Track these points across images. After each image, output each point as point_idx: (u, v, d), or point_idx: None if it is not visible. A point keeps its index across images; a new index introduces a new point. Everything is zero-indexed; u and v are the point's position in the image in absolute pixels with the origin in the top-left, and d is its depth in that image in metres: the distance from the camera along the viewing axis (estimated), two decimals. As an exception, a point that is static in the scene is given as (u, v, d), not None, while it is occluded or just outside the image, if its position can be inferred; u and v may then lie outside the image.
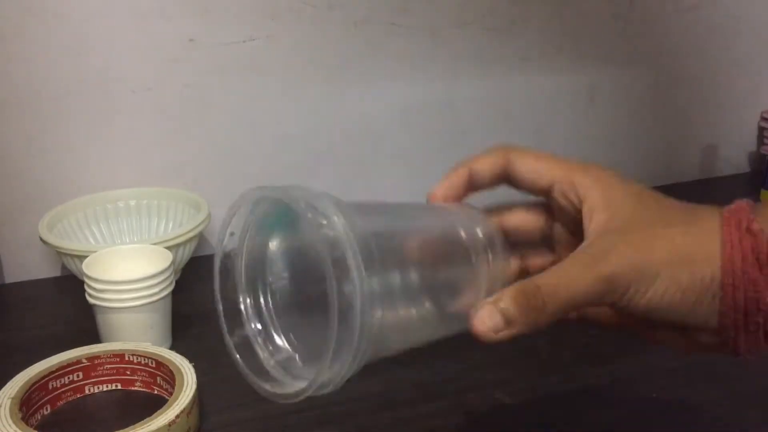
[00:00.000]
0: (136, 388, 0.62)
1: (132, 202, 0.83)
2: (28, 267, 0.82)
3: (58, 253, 0.74)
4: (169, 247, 0.70)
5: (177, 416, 0.54)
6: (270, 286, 0.40)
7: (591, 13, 0.97)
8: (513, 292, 0.36)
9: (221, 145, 0.86)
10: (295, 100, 0.87)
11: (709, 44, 1.05)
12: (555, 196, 0.40)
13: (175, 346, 0.67)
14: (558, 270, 0.37)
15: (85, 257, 0.67)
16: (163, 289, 0.65)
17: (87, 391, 0.62)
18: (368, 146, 0.93)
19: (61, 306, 0.76)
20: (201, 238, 0.81)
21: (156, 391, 0.62)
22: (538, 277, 0.36)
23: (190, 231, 0.74)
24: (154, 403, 0.56)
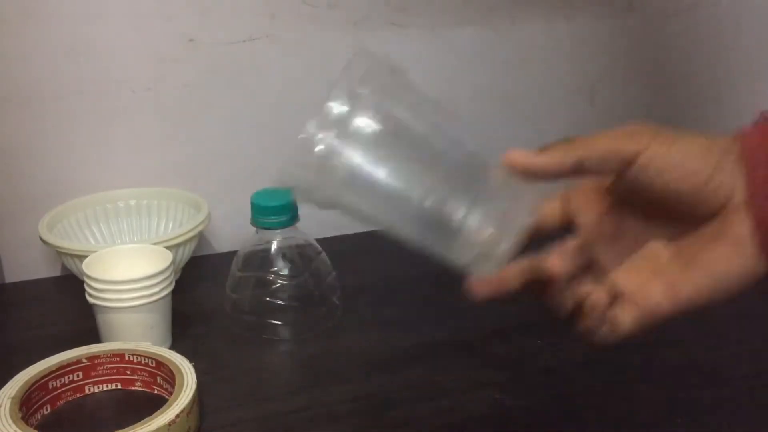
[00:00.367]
0: (136, 388, 0.62)
1: (132, 202, 0.83)
2: (28, 267, 0.82)
3: (58, 253, 0.74)
4: (169, 247, 0.70)
5: (177, 416, 0.54)
6: None
7: (591, 13, 0.97)
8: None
9: (221, 145, 0.86)
10: (295, 100, 0.87)
11: (709, 44, 1.05)
12: None
13: (175, 346, 0.67)
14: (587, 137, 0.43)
15: (85, 257, 0.67)
16: (163, 288, 0.65)
17: (87, 391, 0.62)
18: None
19: (61, 306, 0.76)
20: (201, 238, 0.81)
21: (156, 391, 0.62)
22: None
23: (190, 231, 0.74)
24: (154, 403, 0.56)
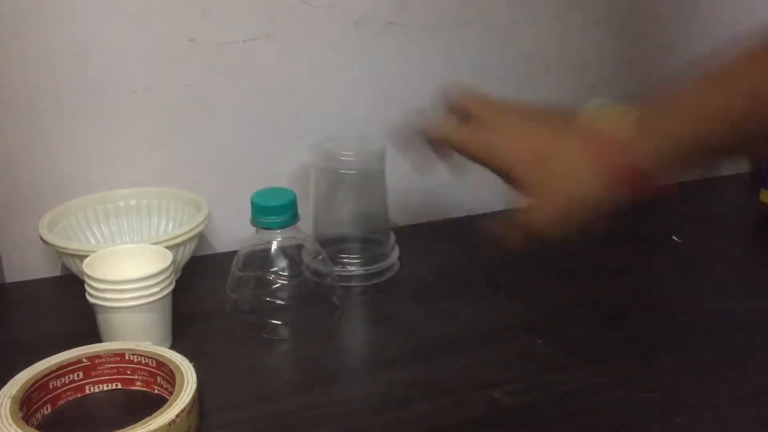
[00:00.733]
0: (136, 388, 0.62)
1: (132, 202, 0.83)
2: (28, 267, 0.82)
3: (59, 253, 0.74)
4: (169, 247, 0.70)
5: (177, 416, 0.54)
6: None
7: (591, 13, 0.97)
8: None
9: (221, 145, 0.86)
10: (295, 100, 0.87)
11: (708, 44, 1.05)
12: None
13: (176, 346, 0.67)
14: None
15: (86, 257, 0.67)
16: (163, 288, 0.65)
17: (87, 391, 0.62)
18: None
19: (61, 306, 0.76)
20: (201, 238, 0.81)
21: (156, 391, 0.62)
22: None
23: (190, 231, 0.74)
24: (154, 403, 0.56)
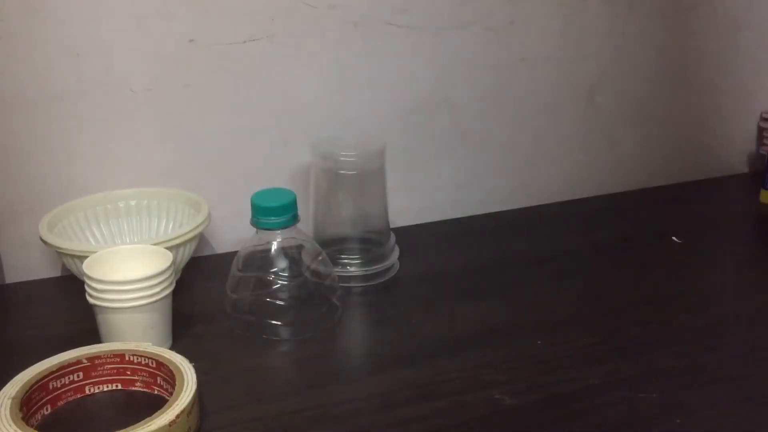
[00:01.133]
0: (136, 388, 0.62)
1: (132, 202, 0.83)
2: (28, 267, 0.82)
3: (58, 254, 0.74)
4: (169, 247, 0.70)
5: (177, 416, 0.54)
6: None
7: (591, 13, 0.97)
8: None
9: (221, 145, 0.86)
10: (295, 100, 0.87)
11: (708, 44, 1.05)
12: None
13: (176, 346, 0.67)
14: None
15: (86, 257, 0.67)
16: (163, 289, 0.65)
17: (87, 391, 0.62)
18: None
19: (61, 306, 0.76)
20: (201, 239, 0.81)
21: (156, 391, 0.62)
22: None
23: (190, 231, 0.74)
24: (154, 403, 0.56)
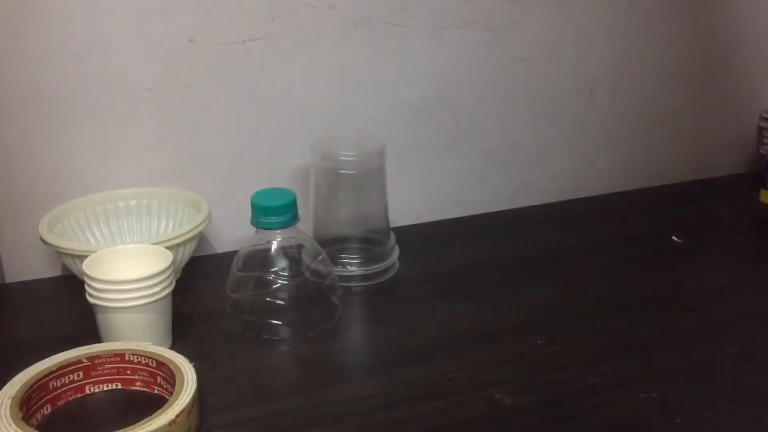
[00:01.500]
0: (136, 388, 0.62)
1: (132, 202, 0.83)
2: (28, 267, 0.82)
3: (58, 253, 0.74)
4: (169, 247, 0.70)
5: (177, 416, 0.54)
6: None
7: (591, 12, 0.97)
8: None
9: (221, 145, 0.86)
10: (295, 100, 0.87)
11: (708, 45, 1.05)
12: None
13: (176, 346, 0.67)
14: None
15: (86, 257, 0.67)
16: (163, 288, 0.65)
17: (87, 391, 0.62)
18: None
19: (61, 306, 0.76)
20: (201, 238, 0.81)
21: (156, 391, 0.62)
22: None
23: (190, 231, 0.74)
24: (154, 403, 0.56)
